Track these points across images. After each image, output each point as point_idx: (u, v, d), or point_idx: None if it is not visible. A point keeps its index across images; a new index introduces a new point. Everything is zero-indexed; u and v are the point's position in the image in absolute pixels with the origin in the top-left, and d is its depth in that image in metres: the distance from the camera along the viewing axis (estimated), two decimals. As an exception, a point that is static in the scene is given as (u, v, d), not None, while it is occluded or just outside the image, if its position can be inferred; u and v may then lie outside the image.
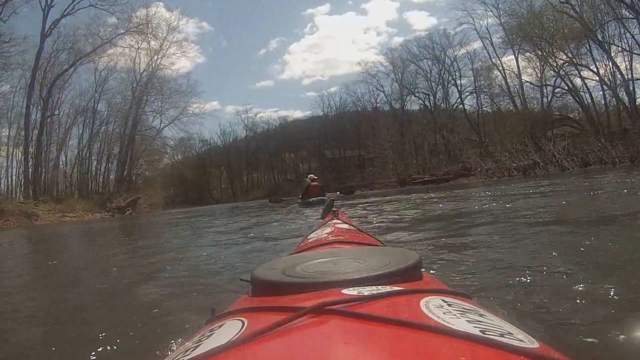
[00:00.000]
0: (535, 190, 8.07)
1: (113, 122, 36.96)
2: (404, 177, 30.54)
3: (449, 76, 39.31)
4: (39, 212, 22.12)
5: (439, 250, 2.72)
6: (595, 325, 1.20)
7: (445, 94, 39.85)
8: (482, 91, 37.41)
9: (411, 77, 40.63)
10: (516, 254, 2.33)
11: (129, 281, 2.83)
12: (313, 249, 1.13)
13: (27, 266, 4.95)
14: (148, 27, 36.50)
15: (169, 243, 6.06)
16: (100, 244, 7.34)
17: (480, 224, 3.89)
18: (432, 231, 3.82)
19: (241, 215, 10.85)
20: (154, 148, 39.79)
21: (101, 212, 25.61)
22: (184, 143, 49.62)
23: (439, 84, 39.83)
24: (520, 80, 33.11)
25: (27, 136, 30.77)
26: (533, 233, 2.95)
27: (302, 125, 53.55)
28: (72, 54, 32.70)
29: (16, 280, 3.54)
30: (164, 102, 39.40)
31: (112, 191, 33.25)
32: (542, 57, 29.90)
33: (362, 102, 46.56)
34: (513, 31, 31.80)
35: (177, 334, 1.45)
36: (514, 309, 1.42)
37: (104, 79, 36.04)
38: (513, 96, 34.02)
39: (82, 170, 35.33)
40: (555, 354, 0.42)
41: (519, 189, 8.89)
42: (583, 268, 1.83)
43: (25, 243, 9.16)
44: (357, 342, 0.40)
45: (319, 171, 50.01)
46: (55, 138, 34.08)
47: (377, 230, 4.08)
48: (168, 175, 44.65)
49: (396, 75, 41.30)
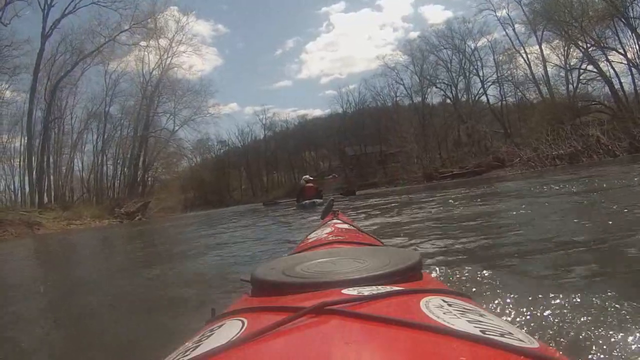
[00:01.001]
0: (619, 181, 6.07)
1: (128, 126, 36.16)
2: (431, 171, 28.61)
3: (470, 66, 37.86)
4: (43, 220, 21.21)
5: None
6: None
7: (467, 84, 38.36)
8: (505, 80, 35.69)
9: (431, 68, 39.32)
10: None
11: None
12: (313, 249, 1.13)
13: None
14: (154, 23, 34.82)
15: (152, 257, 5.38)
16: (76, 261, 6.59)
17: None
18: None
19: (241, 220, 10.37)
20: (170, 151, 38.58)
21: (110, 219, 24.77)
22: (202, 145, 49.35)
23: (460, 74, 38.46)
24: (545, 67, 31.34)
25: (31, 141, 29.61)
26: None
27: (321, 123, 52.93)
28: (74, 54, 31.47)
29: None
30: (177, 103, 38.27)
31: (123, 196, 32.14)
32: (567, 40, 28.06)
33: (381, 96, 45.49)
34: (536, 15, 30.09)
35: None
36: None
37: (114, 81, 35.14)
38: (538, 83, 32.37)
39: (97, 176, 34.63)
40: (555, 354, 0.43)
41: (591, 182, 6.63)
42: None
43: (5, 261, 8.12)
44: (357, 342, 0.40)
45: (340, 169, 49.46)
46: (68, 142, 33.46)
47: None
48: (188, 179, 44.27)
49: (415, 67, 40.01)
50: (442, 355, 0.38)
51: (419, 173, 30.03)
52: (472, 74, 37.81)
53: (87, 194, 33.80)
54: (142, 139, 35.87)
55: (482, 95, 37.50)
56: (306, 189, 10.49)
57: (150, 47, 35.89)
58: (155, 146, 37.02)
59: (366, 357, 0.37)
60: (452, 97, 38.46)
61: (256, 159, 53.14)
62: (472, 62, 37.44)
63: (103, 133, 35.01)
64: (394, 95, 43.77)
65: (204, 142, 49.01)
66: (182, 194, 39.48)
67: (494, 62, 36.00)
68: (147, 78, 36.40)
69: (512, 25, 32.96)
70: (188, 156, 44.08)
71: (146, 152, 36.35)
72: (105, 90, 34.51)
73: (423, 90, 39.94)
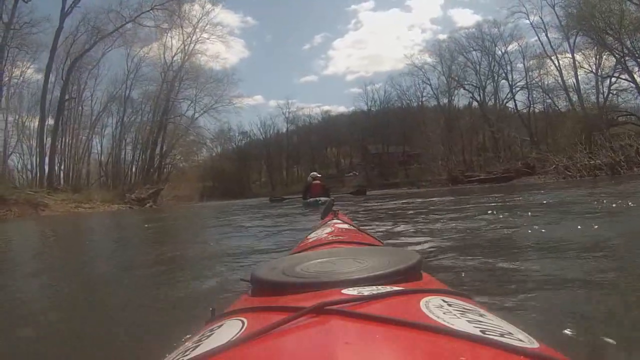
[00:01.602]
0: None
1: (149, 111, 35.66)
2: (457, 175, 27.71)
3: (500, 69, 36.74)
4: (51, 201, 20.68)
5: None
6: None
7: (495, 87, 37.23)
8: (535, 86, 34.46)
9: (460, 70, 38.35)
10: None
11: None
12: (313, 248, 1.12)
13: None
14: (178, 5, 33.76)
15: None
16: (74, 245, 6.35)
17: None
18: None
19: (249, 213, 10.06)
20: (190, 139, 37.75)
21: (120, 204, 24.25)
22: (223, 135, 49.28)
23: (488, 77, 37.37)
24: (576, 74, 30.23)
25: (44, 121, 28.57)
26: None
27: (344, 120, 52.50)
28: (94, 34, 30.47)
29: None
30: (199, 90, 37.24)
31: (137, 182, 31.65)
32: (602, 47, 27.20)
33: (407, 95, 44.77)
34: (571, 19, 29.19)
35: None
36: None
37: (136, 65, 34.57)
38: (569, 91, 31.28)
39: (114, 159, 34.29)
40: (555, 354, 0.43)
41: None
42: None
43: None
44: (357, 342, 0.40)
45: (361, 167, 49.06)
46: (86, 124, 33.18)
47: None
48: (208, 168, 44.14)
49: (443, 67, 39.10)
50: (442, 355, 0.38)
51: (443, 175, 29.20)
52: (500, 78, 36.83)
53: (104, 177, 33.81)
54: (161, 124, 35.15)
55: (510, 101, 36.59)
56: (313, 186, 10.29)
57: (173, 33, 35.15)
58: (174, 133, 36.31)
59: (366, 357, 0.37)
60: (479, 99, 37.54)
61: (278, 152, 53.02)
62: (502, 66, 36.49)
63: (122, 117, 34.70)
64: (420, 95, 43.11)
65: (225, 132, 49.11)
66: (201, 183, 39.42)
67: (524, 67, 35.15)
68: (168, 63, 35.71)
69: (545, 30, 31.98)
70: (208, 145, 43.52)
71: (164, 139, 35.72)
72: (127, 73, 34.20)
73: (450, 91, 39.21)
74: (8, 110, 28.07)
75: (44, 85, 28.52)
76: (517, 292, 1.64)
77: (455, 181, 26.19)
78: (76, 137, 32.55)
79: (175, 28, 35.07)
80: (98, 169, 34.46)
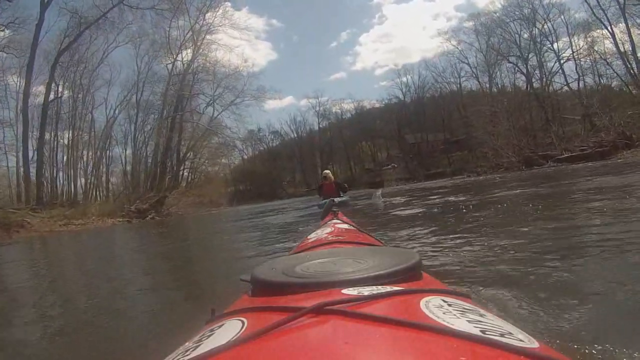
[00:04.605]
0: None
1: (158, 110, 31.89)
2: (529, 155, 23.67)
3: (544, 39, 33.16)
4: (36, 219, 18.17)
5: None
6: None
7: (539, 60, 33.69)
8: (583, 56, 30.95)
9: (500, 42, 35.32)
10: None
11: None
12: (313, 249, 1.11)
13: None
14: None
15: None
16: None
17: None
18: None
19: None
20: (217, 142, 34.01)
21: (118, 217, 21.83)
22: (254, 136, 47.76)
23: (530, 50, 33.99)
24: (632, 41, 26.73)
25: (26, 127, 24.49)
26: None
27: (377, 113, 50.70)
28: (76, 20, 26.44)
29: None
30: (217, 84, 33.32)
31: (145, 189, 27.82)
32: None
33: (443, 77, 42.13)
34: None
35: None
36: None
37: (146, 64, 31.43)
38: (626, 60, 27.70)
39: (132, 168, 31.33)
40: (555, 354, 0.43)
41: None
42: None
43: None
44: (357, 342, 0.40)
45: (399, 158, 46.72)
46: (99, 133, 30.25)
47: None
48: (238, 171, 42.67)
49: (480, 43, 36.20)
50: (442, 355, 0.38)
51: (511, 158, 25.31)
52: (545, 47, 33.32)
53: (117, 185, 31.18)
54: (173, 124, 31.52)
55: (555, 74, 33.03)
56: (325, 185, 8.70)
57: (179, 24, 31.47)
58: (193, 134, 32.53)
59: (366, 357, 0.37)
60: (525, 72, 34.24)
61: (310, 150, 51.70)
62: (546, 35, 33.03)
63: (136, 121, 31.30)
64: (458, 76, 40.49)
65: (255, 133, 47.60)
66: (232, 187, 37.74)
67: (568, 35, 31.67)
68: (174, 53, 32.00)
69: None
70: (239, 147, 41.13)
71: (180, 140, 32.21)
72: (137, 74, 30.91)
73: (490, 68, 36.32)
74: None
75: (25, 86, 24.93)
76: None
77: (529, 163, 22.82)
78: (92, 149, 30.00)
79: (181, 14, 31.01)
80: (123, 179, 31.80)
